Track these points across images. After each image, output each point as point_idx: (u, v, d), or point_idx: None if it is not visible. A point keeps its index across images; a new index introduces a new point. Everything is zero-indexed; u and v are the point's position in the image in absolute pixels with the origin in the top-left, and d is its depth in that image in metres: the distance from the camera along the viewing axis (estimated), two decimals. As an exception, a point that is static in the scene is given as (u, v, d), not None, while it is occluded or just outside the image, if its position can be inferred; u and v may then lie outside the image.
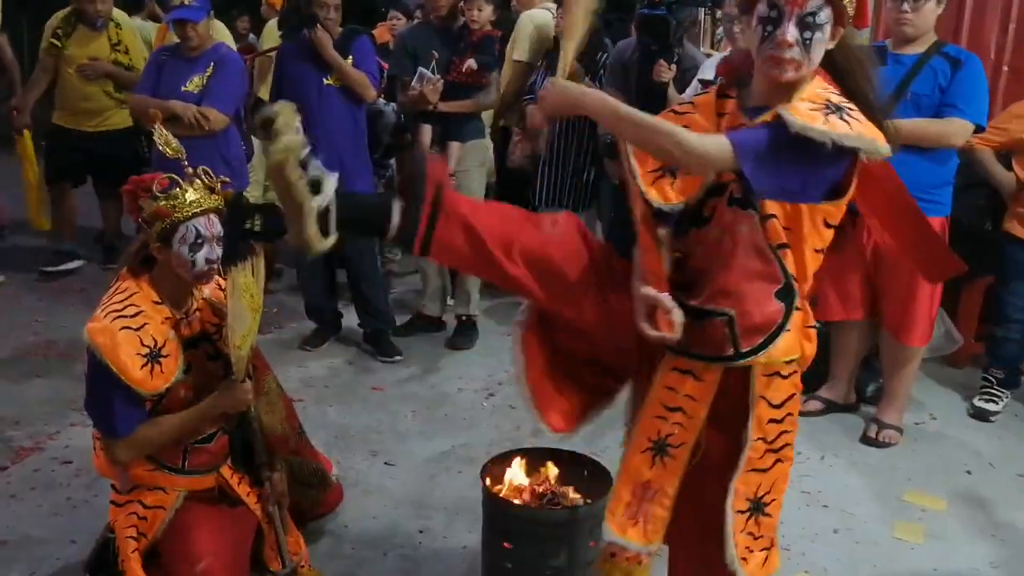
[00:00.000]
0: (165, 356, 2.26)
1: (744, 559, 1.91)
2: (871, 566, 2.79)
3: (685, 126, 1.79)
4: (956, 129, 3.36)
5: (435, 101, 4.27)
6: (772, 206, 1.80)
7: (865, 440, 3.64)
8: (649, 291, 1.83)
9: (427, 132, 4.41)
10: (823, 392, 3.91)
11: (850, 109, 1.72)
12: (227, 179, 2.45)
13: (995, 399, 3.98)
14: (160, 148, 2.41)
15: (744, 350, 1.85)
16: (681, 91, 4.10)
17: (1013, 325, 4.01)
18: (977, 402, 3.98)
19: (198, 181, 2.33)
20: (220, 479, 2.54)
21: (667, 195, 1.89)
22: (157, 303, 2.31)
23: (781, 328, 1.85)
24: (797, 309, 1.87)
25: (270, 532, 2.60)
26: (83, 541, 2.72)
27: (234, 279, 2.31)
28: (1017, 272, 3.95)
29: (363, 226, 1.96)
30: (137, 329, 2.23)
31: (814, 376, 3.92)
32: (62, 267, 5.59)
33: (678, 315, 1.80)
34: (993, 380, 4.02)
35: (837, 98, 1.75)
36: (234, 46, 5.08)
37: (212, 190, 2.35)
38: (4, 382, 3.99)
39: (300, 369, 4.20)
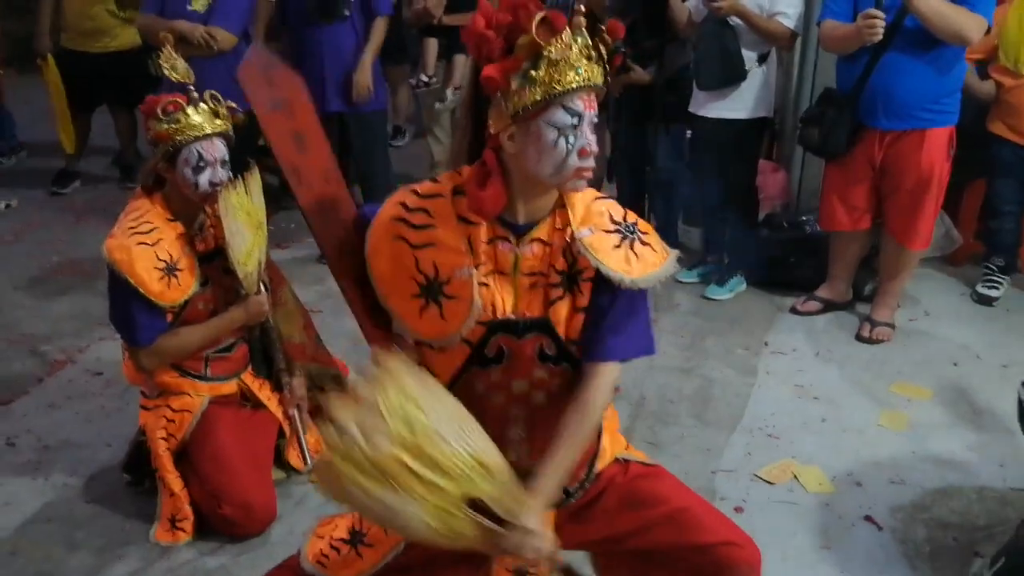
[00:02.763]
0: (181, 270, 2.41)
1: None
2: (854, 452, 2.95)
3: (427, 243, 1.58)
4: (974, 23, 3.28)
5: (439, 15, 4.31)
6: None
7: (859, 338, 3.76)
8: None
9: (433, 46, 4.47)
10: (820, 292, 4.03)
11: (636, 224, 1.65)
12: (234, 104, 2.52)
13: (996, 285, 4.16)
14: (166, 72, 2.51)
15: (572, 488, 1.77)
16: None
17: (1005, 216, 4.19)
18: (980, 289, 4.17)
19: (203, 105, 2.43)
20: (243, 385, 2.71)
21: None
22: (170, 220, 2.45)
23: (596, 453, 1.78)
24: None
25: (292, 434, 2.79)
26: (117, 445, 2.92)
27: (226, 199, 2.43)
28: (1004, 169, 4.09)
29: None
30: (152, 244, 2.37)
31: (813, 276, 4.05)
32: (70, 188, 5.79)
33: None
34: (994, 268, 4.20)
35: (615, 209, 1.66)
36: None
37: (217, 114, 2.45)
38: (33, 300, 4.18)
39: (318, 283, 4.33)
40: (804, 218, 4.28)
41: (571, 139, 1.49)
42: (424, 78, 4.55)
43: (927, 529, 2.57)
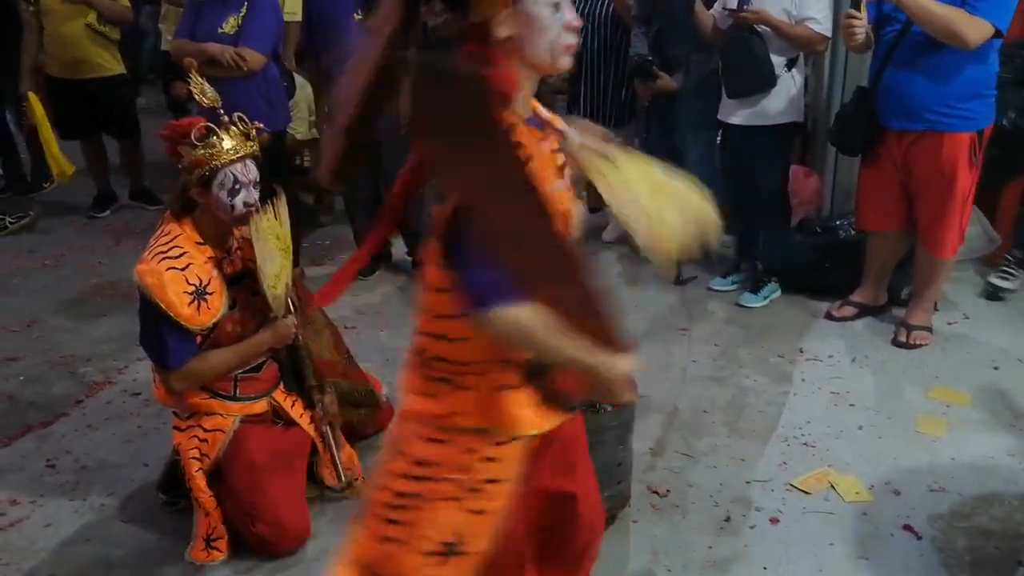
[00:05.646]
0: (210, 293, 2.44)
1: None
2: (891, 459, 2.90)
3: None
4: (969, 25, 3.18)
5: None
6: None
7: (896, 343, 3.71)
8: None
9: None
10: (855, 296, 3.98)
11: None
12: (261, 125, 2.56)
13: (1008, 277, 4.11)
14: (196, 98, 2.55)
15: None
16: (708, 5, 4.12)
17: None
18: (992, 279, 4.11)
19: (234, 128, 2.46)
20: (274, 403, 2.73)
21: None
22: (200, 244, 2.48)
23: None
24: None
25: (325, 450, 2.80)
26: (154, 464, 2.96)
27: (257, 224, 2.46)
28: None
29: None
30: (182, 269, 2.40)
31: (848, 282, 4.00)
32: (108, 211, 5.90)
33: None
34: (1012, 259, 4.14)
35: None
36: None
37: (248, 136, 2.49)
38: (73, 322, 4.25)
39: (353, 297, 4.35)
40: (838, 223, 4.24)
41: (558, 16, 1.49)
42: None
43: (968, 538, 2.52)
